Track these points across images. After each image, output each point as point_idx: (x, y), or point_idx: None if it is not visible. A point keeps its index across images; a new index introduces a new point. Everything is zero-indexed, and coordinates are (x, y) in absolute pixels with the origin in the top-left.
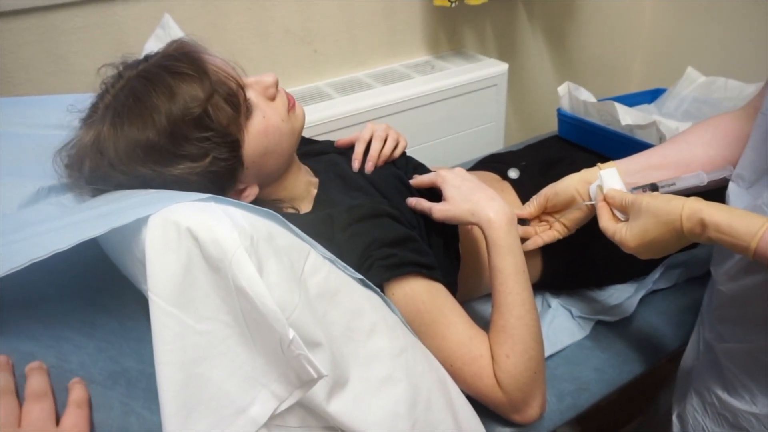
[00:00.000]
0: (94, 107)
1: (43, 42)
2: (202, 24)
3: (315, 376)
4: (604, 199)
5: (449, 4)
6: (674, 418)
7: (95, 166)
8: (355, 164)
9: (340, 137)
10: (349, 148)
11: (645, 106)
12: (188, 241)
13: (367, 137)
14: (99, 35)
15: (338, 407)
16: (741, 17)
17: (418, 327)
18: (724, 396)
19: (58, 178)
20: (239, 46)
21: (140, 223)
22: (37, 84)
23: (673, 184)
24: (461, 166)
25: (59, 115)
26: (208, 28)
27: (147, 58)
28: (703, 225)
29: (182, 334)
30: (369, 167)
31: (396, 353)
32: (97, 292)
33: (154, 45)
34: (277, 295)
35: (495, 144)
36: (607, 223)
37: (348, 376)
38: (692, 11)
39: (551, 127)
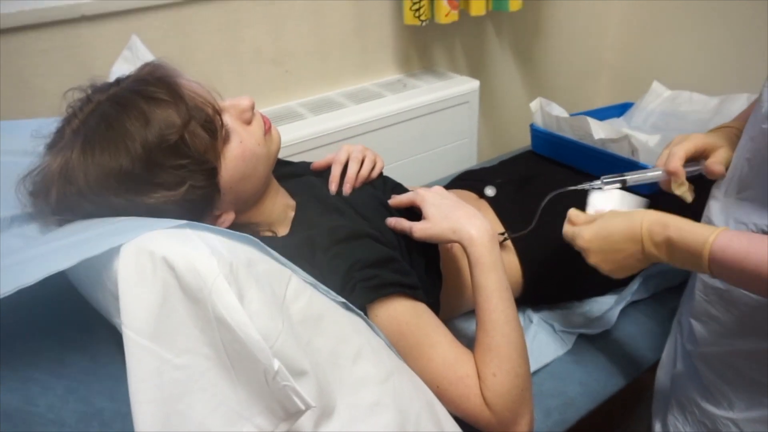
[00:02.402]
0: (60, 132)
1: (5, 65)
2: (171, 45)
3: (302, 407)
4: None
5: (419, 23)
6: (657, 428)
7: (63, 195)
8: (332, 187)
9: (313, 157)
10: (326, 170)
11: (615, 120)
12: (164, 270)
13: (343, 159)
14: (63, 58)
15: None
16: (702, 33)
17: (403, 349)
18: (703, 403)
19: (21, 207)
20: (209, 67)
21: (112, 253)
22: None
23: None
24: (436, 183)
25: (22, 140)
26: (178, 49)
27: (118, 81)
28: (664, 225)
29: (159, 369)
30: (347, 189)
31: (383, 378)
32: (65, 327)
33: (121, 67)
34: (260, 323)
35: (468, 160)
36: (566, 227)
37: (334, 404)
38: (655, 27)
39: (523, 142)
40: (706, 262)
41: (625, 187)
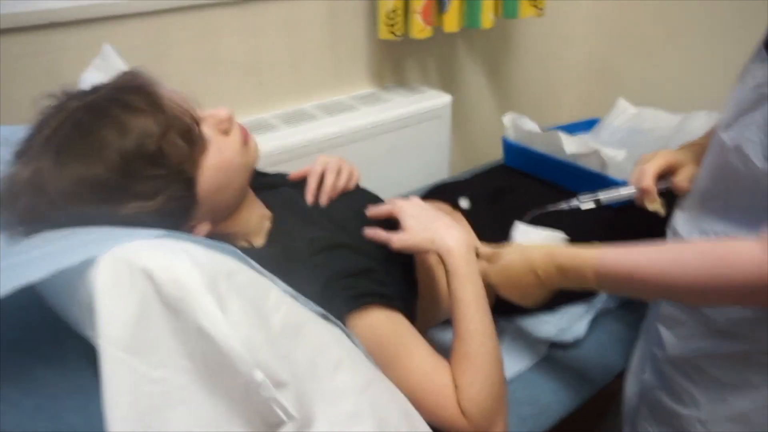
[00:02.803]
0: (29, 140)
1: None
2: (144, 54)
3: (285, 419)
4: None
5: (394, 37)
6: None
7: (32, 205)
8: (310, 198)
9: (287, 169)
10: (302, 181)
11: (583, 135)
12: (143, 281)
13: (319, 170)
14: (31, 64)
15: None
16: (665, 52)
17: (381, 358)
18: (671, 404)
19: None
20: (183, 77)
21: (87, 263)
22: None
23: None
24: (408, 194)
25: None
26: (151, 59)
27: (95, 89)
28: (551, 255)
29: (136, 383)
30: (324, 200)
31: (362, 388)
32: (33, 341)
33: (92, 76)
34: (242, 334)
35: (440, 173)
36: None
37: (314, 415)
38: (620, 46)
39: (494, 156)
40: (592, 276)
41: (599, 206)
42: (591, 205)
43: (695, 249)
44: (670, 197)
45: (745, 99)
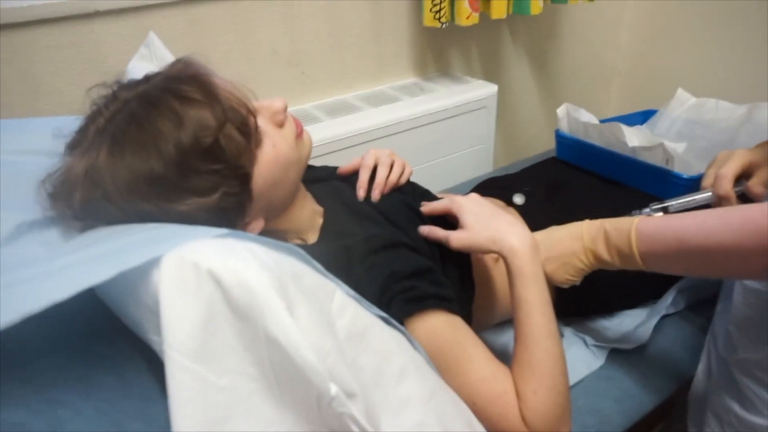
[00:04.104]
0: (83, 131)
1: (14, 61)
2: (185, 43)
3: None
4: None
5: (439, 24)
6: None
7: (87, 199)
8: (360, 192)
9: (330, 161)
10: (352, 175)
11: (638, 127)
12: (210, 285)
13: (371, 164)
14: (74, 54)
15: None
16: (721, 39)
17: (440, 364)
18: (742, 413)
19: (42, 211)
20: (224, 67)
21: (150, 264)
22: (6, 106)
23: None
24: (452, 189)
25: (40, 139)
26: (192, 47)
27: (147, 78)
28: (600, 222)
29: (203, 392)
30: (375, 195)
31: (427, 398)
32: (91, 343)
33: (138, 65)
34: (312, 341)
35: (484, 166)
36: None
37: (379, 426)
38: (670, 34)
39: (538, 149)
40: (634, 241)
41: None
42: (660, 214)
43: (742, 209)
44: (747, 200)
45: None
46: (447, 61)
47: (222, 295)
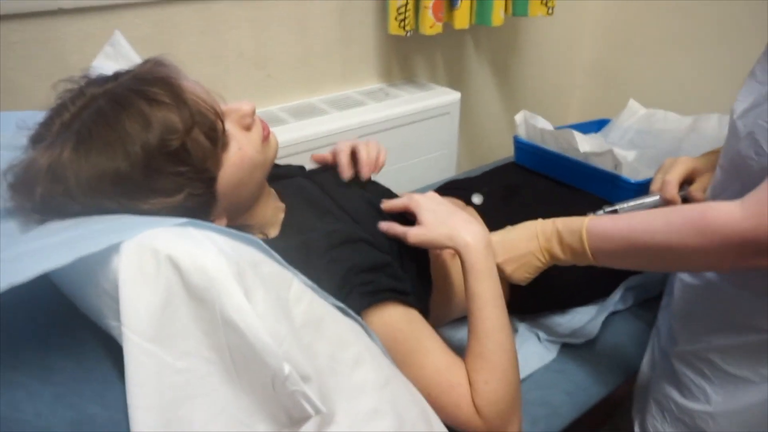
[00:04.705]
0: (47, 125)
1: None
2: (152, 44)
3: (312, 413)
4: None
5: (404, 33)
6: (636, 429)
7: (49, 194)
8: (346, 174)
9: (294, 162)
10: (317, 172)
11: (593, 135)
12: (168, 270)
13: (347, 148)
14: (38, 51)
15: None
16: (676, 53)
17: (395, 356)
18: (681, 400)
19: (2, 202)
20: (190, 68)
21: (110, 250)
22: None
23: (636, 203)
24: (415, 192)
25: (3, 132)
26: (159, 48)
27: (116, 76)
28: (552, 221)
29: (160, 373)
30: (365, 173)
31: (381, 384)
32: (49, 329)
33: (103, 63)
34: (267, 325)
35: (447, 171)
36: None
37: (334, 410)
38: (628, 47)
39: (500, 154)
40: (585, 239)
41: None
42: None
43: (681, 208)
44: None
45: (758, 91)
46: (412, 68)
47: (180, 279)
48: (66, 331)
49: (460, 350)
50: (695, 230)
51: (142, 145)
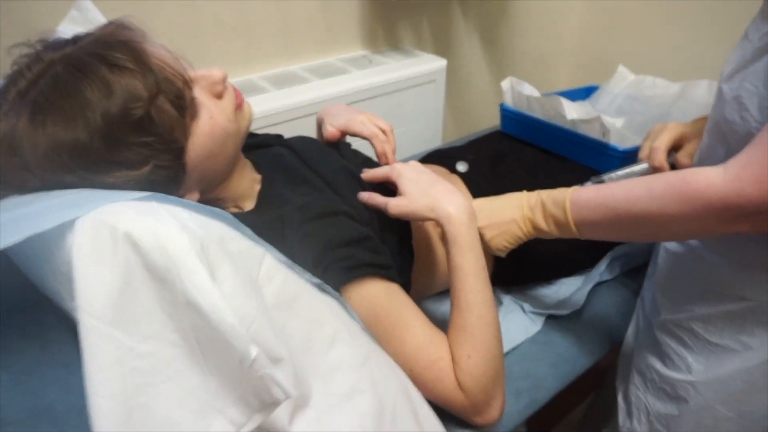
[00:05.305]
0: (2, 94)
1: None
2: (123, 11)
3: (281, 397)
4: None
5: None
6: (619, 399)
7: (5, 168)
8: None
9: (275, 131)
10: (296, 140)
11: (581, 102)
12: (126, 248)
13: (378, 132)
14: (2, 14)
15: (302, 428)
16: (666, 19)
17: (376, 331)
18: (663, 369)
19: None
20: (166, 36)
21: (64, 228)
22: None
23: (623, 173)
24: (400, 161)
25: None
26: (130, 16)
27: (75, 40)
28: (537, 193)
29: (121, 359)
30: (393, 159)
31: (359, 363)
32: (9, 312)
33: (69, 28)
34: (234, 305)
35: (433, 140)
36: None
37: (310, 392)
38: (618, 12)
39: (487, 123)
40: (569, 210)
41: None
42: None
43: (663, 175)
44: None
45: (748, 52)
46: (397, 35)
47: (140, 258)
48: (31, 315)
49: (443, 324)
50: (677, 196)
51: (102, 114)
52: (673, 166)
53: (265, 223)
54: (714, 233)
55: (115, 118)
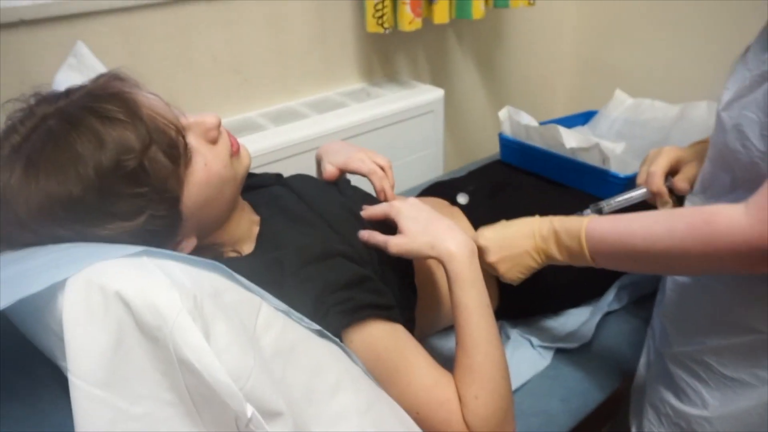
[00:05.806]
0: None
1: None
2: (119, 53)
3: None
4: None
5: (382, 30)
6: None
7: None
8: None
9: (275, 170)
10: (294, 179)
11: (580, 128)
12: (118, 307)
13: (377, 169)
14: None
15: None
16: (662, 41)
17: (380, 374)
18: (677, 404)
19: None
20: (162, 76)
21: (55, 288)
22: None
23: (623, 199)
24: (403, 193)
25: None
26: (126, 57)
27: (68, 93)
28: (549, 221)
29: (114, 421)
30: (391, 196)
31: (363, 409)
32: (2, 372)
33: (67, 75)
34: (229, 362)
35: (435, 170)
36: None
37: None
38: (613, 35)
39: (488, 151)
40: (584, 243)
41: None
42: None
43: (683, 213)
44: (677, 194)
45: (747, 80)
46: (393, 66)
47: (131, 317)
48: (22, 373)
49: (449, 361)
50: (699, 238)
51: (95, 166)
52: (670, 190)
53: (264, 265)
54: (734, 273)
55: (107, 170)
